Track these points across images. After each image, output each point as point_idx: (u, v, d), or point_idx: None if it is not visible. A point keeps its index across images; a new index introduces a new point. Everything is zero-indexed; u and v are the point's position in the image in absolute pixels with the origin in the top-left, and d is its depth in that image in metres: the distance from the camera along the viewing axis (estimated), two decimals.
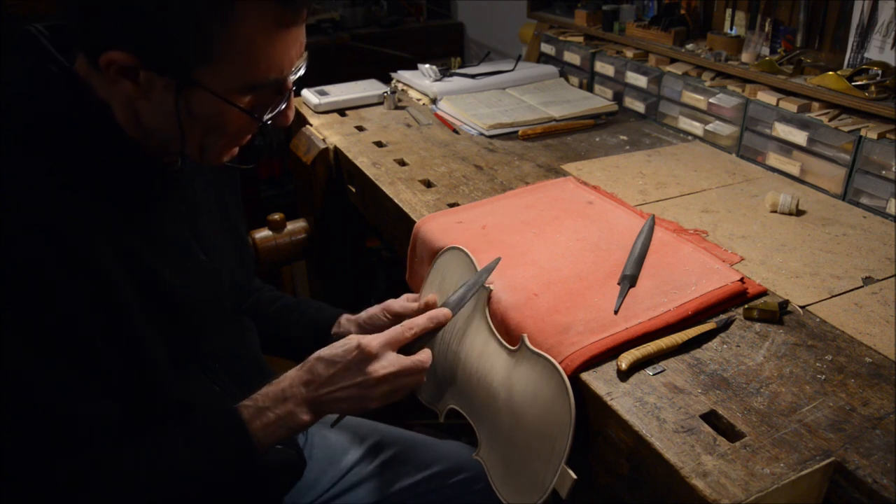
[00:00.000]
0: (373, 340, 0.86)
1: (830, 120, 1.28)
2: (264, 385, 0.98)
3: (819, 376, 0.82)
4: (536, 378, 0.83)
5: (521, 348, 0.86)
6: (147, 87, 0.74)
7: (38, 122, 0.74)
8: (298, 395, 0.85)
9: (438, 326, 0.92)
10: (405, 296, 1.07)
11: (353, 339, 0.87)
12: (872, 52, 1.30)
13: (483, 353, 0.92)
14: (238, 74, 0.75)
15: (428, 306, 0.97)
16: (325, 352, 0.87)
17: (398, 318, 1.00)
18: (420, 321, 0.91)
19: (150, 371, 0.80)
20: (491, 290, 0.95)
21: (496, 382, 0.89)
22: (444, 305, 0.94)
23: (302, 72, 0.82)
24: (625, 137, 1.60)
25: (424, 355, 0.89)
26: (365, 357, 0.85)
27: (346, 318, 1.10)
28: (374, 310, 1.06)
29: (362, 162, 1.45)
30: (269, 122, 0.81)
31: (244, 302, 1.08)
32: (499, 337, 0.91)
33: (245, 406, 0.84)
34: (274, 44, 0.75)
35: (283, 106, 0.81)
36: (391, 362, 0.86)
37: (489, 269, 0.97)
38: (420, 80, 1.88)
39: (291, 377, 0.86)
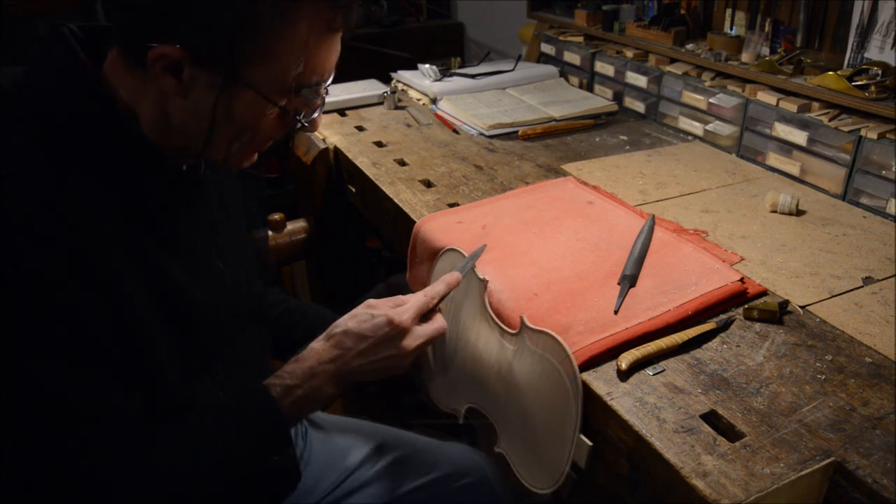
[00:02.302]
0: (404, 315, 0.89)
1: (830, 120, 1.28)
2: None
3: (819, 376, 0.82)
4: (540, 353, 0.84)
5: (522, 329, 0.86)
6: (189, 85, 0.73)
7: (56, 123, 0.74)
8: (327, 371, 0.87)
9: (450, 290, 0.96)
10: None
11: (380, 315, 0.89)
12: (872, 52, 1.30)
13: (487, 343, 0.93)
14: (285, 75, 0.75)
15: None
16: (352, 325, 0.89)
17: None
18: (439, 288, 0.94)
19: (158, 369, 0.80)
20: (487, 282, 0.95)
21: (503, 368, 0.90)
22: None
23: (331, 79, 0.82)
24: (625, 137, 1.60)
25: (439, 322, 0.94)
26: (398, 333, 0.88)
27: None
28: None
29: (362, 162, 1.45)
30: (303, 126, 0.82)
31: (255, 308, 1.07)
32: (500, 324, 0.91)
33: (272, 385, 0.86)
34: (322, 47, 0.75)
35: (316, 114, 0.82)
36: (420, 335, 0.91)
37: (475, 256, 1.01)
38: (420, 80, 1.88)
39: (318, 352, 0.88)
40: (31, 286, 0.68)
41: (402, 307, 0.91)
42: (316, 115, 0.82)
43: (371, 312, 0.89)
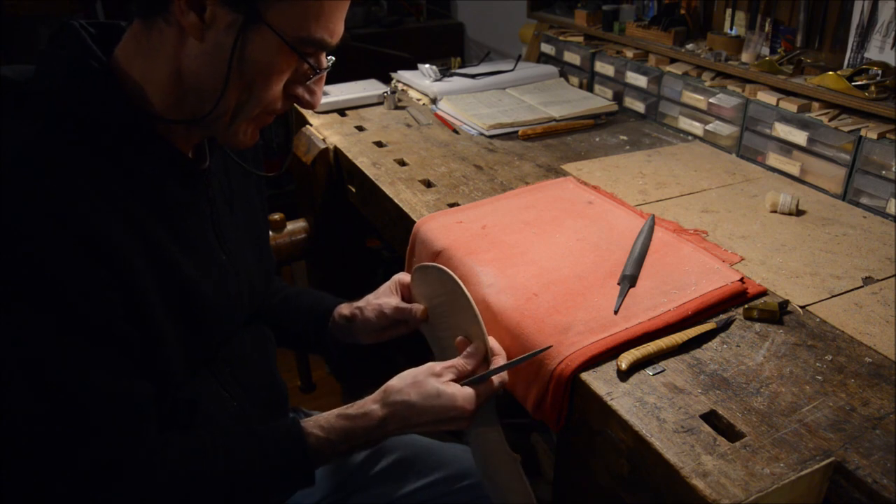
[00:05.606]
0: (470, 397, 0.86)
1: (830, 120, 1.28)
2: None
3: (819, 376, 0.82)
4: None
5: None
6: (209, 24, 0.73)
7: (65, 116, 0.74)
8: (380, 436, 0.87)
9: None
10: (389, 291, 1.07)
11: (448, 394, 0.85)
12: (872, 52, 1.30)
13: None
14: (300, 22, 0.75)
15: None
16: (415, 398, 0.85)
17: (393, 322, 1.02)
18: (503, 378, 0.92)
19: (164, 363, 0.80)
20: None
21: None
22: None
23: (331, 61, 0.82)
24: (625, 137, 1.60)
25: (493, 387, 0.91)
26: (464, 415, 0.86)
27: (339, 314, 1.09)
28: (371, 315, 1.06)
29: (362, 162, 1.45)
30: (306, 99, 0.82)
31: (261, 307, 1.07)
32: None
33: (314, 434, 0.85)
34: (335, 2, 0.76)
35: (322, 73, 0.82)
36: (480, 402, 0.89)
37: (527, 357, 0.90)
38: (420, 80, 1.88)
39: (371, 418, 0.86)
40: (37, 274, 0.68)
41: (468, 391, 0.86)
42: (323, 72, 0.82)
43: (438, 388, 0.85)
